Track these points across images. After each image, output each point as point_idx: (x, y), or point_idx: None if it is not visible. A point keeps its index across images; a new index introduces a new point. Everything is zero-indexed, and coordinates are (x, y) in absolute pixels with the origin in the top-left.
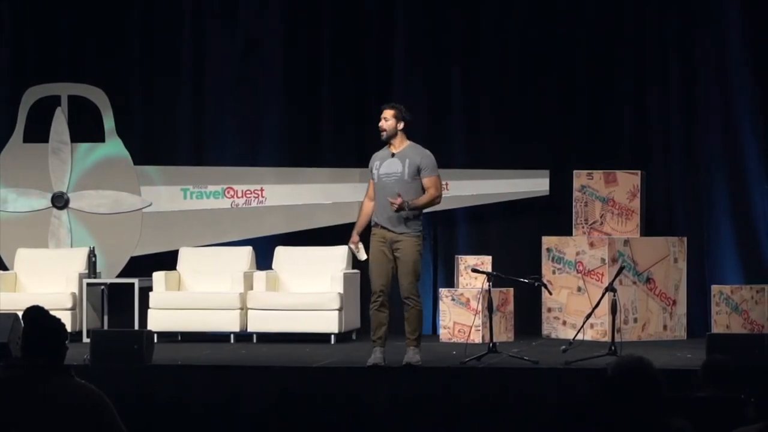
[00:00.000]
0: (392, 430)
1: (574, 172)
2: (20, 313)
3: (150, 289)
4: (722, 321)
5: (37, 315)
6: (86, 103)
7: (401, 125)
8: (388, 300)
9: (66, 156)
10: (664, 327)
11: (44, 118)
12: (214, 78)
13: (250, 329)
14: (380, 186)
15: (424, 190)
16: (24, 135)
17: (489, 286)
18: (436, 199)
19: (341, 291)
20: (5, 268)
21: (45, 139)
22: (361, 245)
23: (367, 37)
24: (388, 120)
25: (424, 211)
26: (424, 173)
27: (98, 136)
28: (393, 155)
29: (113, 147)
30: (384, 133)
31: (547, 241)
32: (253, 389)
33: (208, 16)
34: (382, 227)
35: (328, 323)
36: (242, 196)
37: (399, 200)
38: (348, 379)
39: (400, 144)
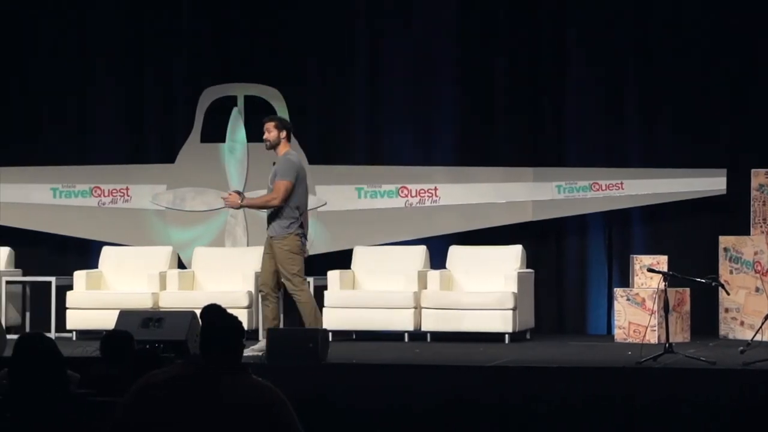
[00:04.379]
0: (566, 431)
1: (752, 171)
2: (198, 311)
3: (324, 287)
4: None
5: (214, 313)
6: (262, 103)
7: (283, 134)
8: (273, 295)
9: (242, 155)
10: None
11: (221, 119)
12: (389, 77)
13: (424, 328)
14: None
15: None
16: (201, 135)
17: (665, 285)
18: (270, 201)
19: (515, 290)
20: (183, 267)
21: (222, 138)
22: (232, 197)
23: (541, 35)
24: (271, 131)
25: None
26: (276, 177)
27: None
28: (274, 163)
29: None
30: (268, 143)
31: (725, 240)
32: (427, 388)
33: (382, 15)
34: (267, 232)
35: (503, 322)
36: (416, 196)
37: (230, 197)
38: (522, 379)
39: (281, 152)
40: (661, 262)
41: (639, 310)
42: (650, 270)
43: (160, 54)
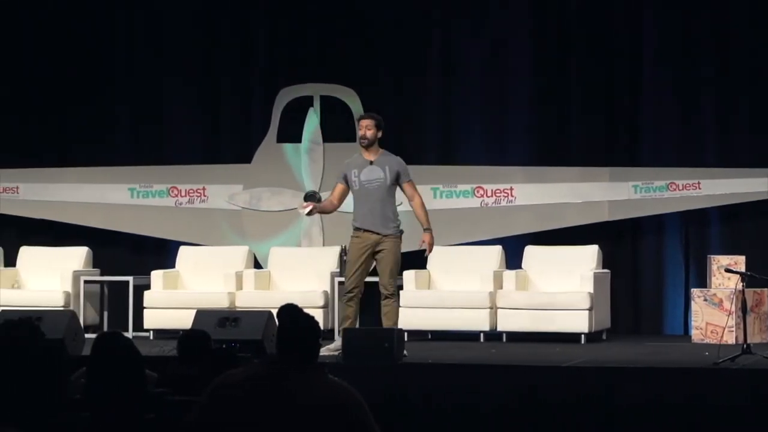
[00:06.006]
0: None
1: None
2: (274, 311)
3: (400, 287)
4: None
5: (291, 313)
6: (338, 103)
7: (380, 134)
8: (359, 296)
9: (318, 156)
10: None
11: (297, 119)
12: (462, 77)
13: (499, 328)
14: (363, 192)
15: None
16: (277, 135)
17: (743, 286)
18: (424, 206)
19: (591, 290)
20: (259, 267)
21: (298, 139)
22: (309, 207)
23: (616, 34)
24: (370, 129)
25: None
26: (404, 178)
27: (350, 136)
28: (371, 163)
29: None
30: (365, 141)
31: None
32: (503, 389)
33: (456, 14)
34: (367, 231)
35: (578, 323)
36: (492, 196)
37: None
38: (598, 379)
39: (376, 152)
40: (739, 262)
41: (716, 310)
42: (728, 270)
43: (237, 54)
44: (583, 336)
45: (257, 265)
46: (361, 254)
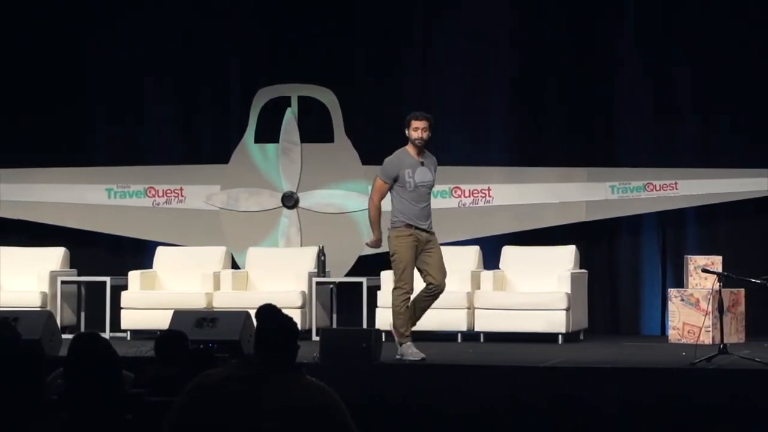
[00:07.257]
0: None
1: None
2: (251, 311)
3: (378, 287)
4: None
5: (269, 313)
6: (316, 103)
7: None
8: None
9: (296, 156)
10: None
11: (275, 119)
12: (441, 77)
13: (477, 329)
14: (417, 193)
15: None
16: (255, 135)
17: (719, 286)
18: None
19: (569, 291)
20: (237, 267)
21: (275, 139)
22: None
23: (594, 34)
24: (426, 131)
25: None
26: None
27: (327, 136)
28: (422, 164)
29: (342, 147)
30: (421, 142)
31: None
32: (480, 389)
33: (435, 15)
34: (419, 229)
35: (556, 323)
36: (469, 196)
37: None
38: (576, 379)
39: (423, 152)
40: (716, 262)
41: (693, 310)
42: (705, 270)
43: (214, 54)
44: (560, 336)
45: (235, 266)
46: (414, 254)
